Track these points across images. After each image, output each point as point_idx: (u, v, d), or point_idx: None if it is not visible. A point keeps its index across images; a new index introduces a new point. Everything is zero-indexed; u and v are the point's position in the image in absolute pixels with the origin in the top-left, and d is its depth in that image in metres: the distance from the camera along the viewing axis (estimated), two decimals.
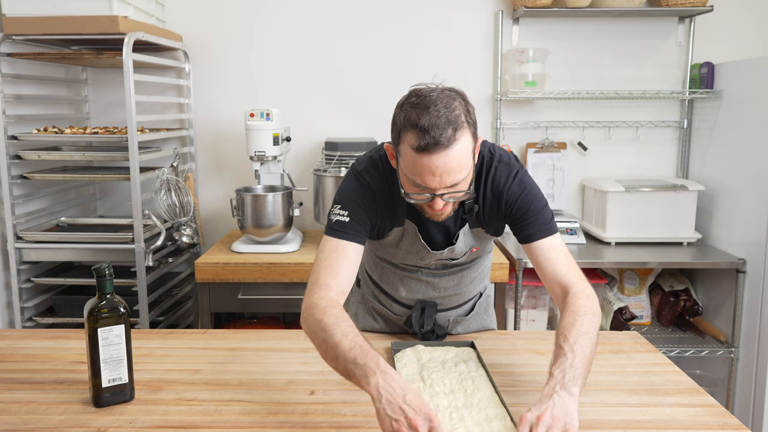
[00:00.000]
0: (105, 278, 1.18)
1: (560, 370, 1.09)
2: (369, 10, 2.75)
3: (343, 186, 1.38)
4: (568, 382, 1.07)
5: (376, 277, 1.58)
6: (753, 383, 2.35)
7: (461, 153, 1.16)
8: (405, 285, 1.52)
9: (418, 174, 1.18)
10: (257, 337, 1.56)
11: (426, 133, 1.13)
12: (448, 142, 1.14)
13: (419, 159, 1.15)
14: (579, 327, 1.17)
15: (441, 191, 1.19)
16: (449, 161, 1.15)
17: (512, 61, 2.68)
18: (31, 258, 2.33)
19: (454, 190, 1.19)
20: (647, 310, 2.77)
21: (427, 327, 1.50)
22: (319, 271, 1.29)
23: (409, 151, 1.17)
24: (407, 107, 1.18)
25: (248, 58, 2.79)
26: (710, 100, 2.66)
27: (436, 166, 1.15)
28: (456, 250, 1.41)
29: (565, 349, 1.13)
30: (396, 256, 1.47)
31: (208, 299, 2.31)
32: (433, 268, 1.48)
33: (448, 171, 1.16)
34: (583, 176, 2.87)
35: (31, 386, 1.28)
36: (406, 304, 1.54)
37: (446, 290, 1.53)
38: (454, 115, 1.15)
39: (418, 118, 1.14)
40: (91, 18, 2.20)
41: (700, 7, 2.57)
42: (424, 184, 1.18)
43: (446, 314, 1.56)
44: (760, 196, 2.30)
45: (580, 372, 1.09)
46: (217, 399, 1.23)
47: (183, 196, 2.50)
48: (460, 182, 1.19)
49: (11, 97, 2.31)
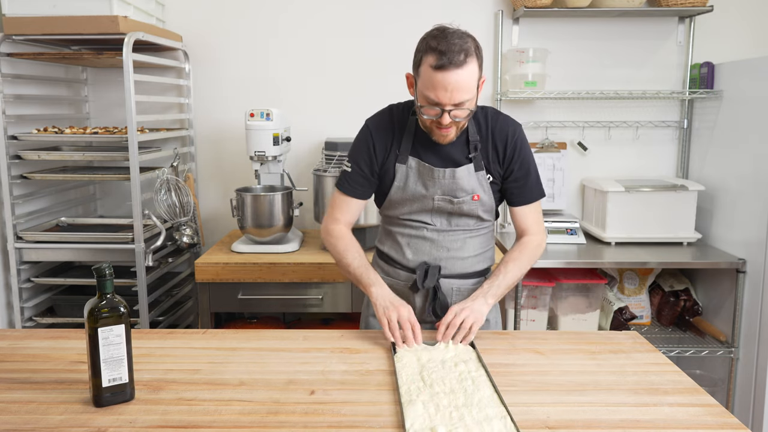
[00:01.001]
0: (105, 278, 1.18)
1: (489, 285, 1.55)
2: (369, 10, 2.75)
3: (355, 139, 1.66)
4: (490, 295, 1.52)
5: (386, 249, 1.71)
6: (753, 383, 2.35)
7: (469, 76, 1.42)
8: (411, 246, 1.65)
9: (432, 89, 1.42)
10: (257, 337, 1.56)
11: (443, 54, 1.39)
12: (460, 64, 1.40)
13: (435, 75, 1.41)
14: (518, 261, 1.60)
15: (449, 107, 1.43)
16: (459, 79, 1.40)
17: (512, 61, 2.68)
18: (31, 258, 2.34)
19: (459, 108, 1.44)
20: (647, 310, 2.77)
21: (429, 284, 1.62)
22: (332, 210, 1.68)
23: (427, 71, 1.42)
24: (429, 38, 1.45)
25: (248, 58, 2.79)
26: (710, 100, 2.66)
27: (449, 82, 1.40)
28: (458, 178, 1.56)
29: (502, 271, 1.57)
30: (404, 206, 1.63)
31: (208, 299, 2.31)
32: (438, 225, 1.62)
33: (458, 88, 1.41)
34: (583, 176, 2.87)
35: (31, 386, 1.28)
36: (412, 269, 1.66)
37: (449, 251, 1.64)
38: (466, 45, 1.41)
39: (437, 44, 1.41)
40: (91, 18, 2.20)
41: (700, 7, 2.57)
42: (437, 99, 1.43)
43: (449, 282, 1.65)
44: (760, 196, 2.30)
45: (501, 291, 1.55)
46: (217, 399, 1.23)
47: (183, 196, 2.50)
48: (465, 102, 1.44)
49: (11, 97, 2.31)
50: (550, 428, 1.13)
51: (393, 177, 1.61)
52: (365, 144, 1.62)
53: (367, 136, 1.63)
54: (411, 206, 1.62)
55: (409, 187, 1.60)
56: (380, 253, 1.75)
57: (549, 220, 2.67)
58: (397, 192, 1.62)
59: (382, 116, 1.64)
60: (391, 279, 1.69)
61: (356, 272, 1.58)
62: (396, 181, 1.61)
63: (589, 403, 1.22)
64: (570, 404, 1.21)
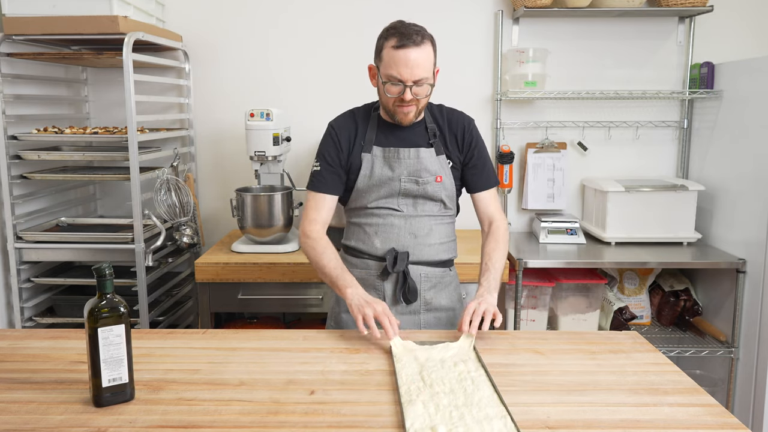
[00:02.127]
0: (105, 278, 1.18)
1: (487, 282, 1.64)
2: (369, 10, 2.75)
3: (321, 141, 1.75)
4: (492, 289, 1.61)
5: (353, 242, 1.78)
6: (753, 383, 2.35)
7: (427, 55, 1.59)
8: (380, 236, 1.73)
9: (394, 66, 1.57)
10: (257, 337, 1.56)
11: (403, 36, 1.57)
12: (419, 43, 1.57)
13: (397, 53, 1.56)
14: (498, 252, 1.71)
15: (410, 84, 1.58)
16: (418, 56, 1.56)
17: (512, 61, 2.68)
18: (31, 258, 2.34)
19: (419, 85, 1.59)
20: (647, 310, 2.78)
21: (398, 268, 1.69)
22: (308, 211, 1.74)
23: (389, 51, 1.58)
24: (389, 27, 1.62)
25: (248, 58, 2.79)
26: (710, 100, 2.66)
27: (408, 59, 1.56)
28: (422, 158, 1.68)
29: (490, 267, 1.67)
30: (371, 193, 1.71)
31: (208, 299, 2.31)
32: (404, 211, 1.71)
33: (417, 64, 1.56)
34: (583, 176, 2.87)
35: (31, 386, 1.28)
36: (381, 257, 1.73)
37: (417, 237, 1.72)
38: (423, 31, 1.60)
39: (396, 30, 1.59)
40: (91, 18, 2.20)
41: (700, 7, 2.57)
42: (399, 76, 1.57)
43: (417, 268, 1.73)
44: (760, 196, 2.30)
45: (497, 284, 1.65)
46: (217, 399, 1.23)
47: (183, 196, 2.50)
48: (424, 80, 1.58)
49: (11, 97, 2.31)
50: (550, 428, 1.13)
51: (359, 167, 1.70)
52: (330, 140, 1.72)
53: (331, 133, 1.73)
54: (378, 191, 1.71)
55: (375, 172, 1.69)
56: (347, 248, 1.81)
57: (549, 220, 2.67)
58: (363, 180, 1.70)
59: (344, 116, 1.77)
60: (359, 270, 1.75)
61: (332, 273, 1.63)
62: (362, 169, 1.70)
63: (589, 403, 1.22)
64: (570, 404, 1.21)
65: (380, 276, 1.73)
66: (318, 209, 1.72)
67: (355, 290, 1.57)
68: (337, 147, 1.71)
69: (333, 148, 1.71)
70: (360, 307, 1.51)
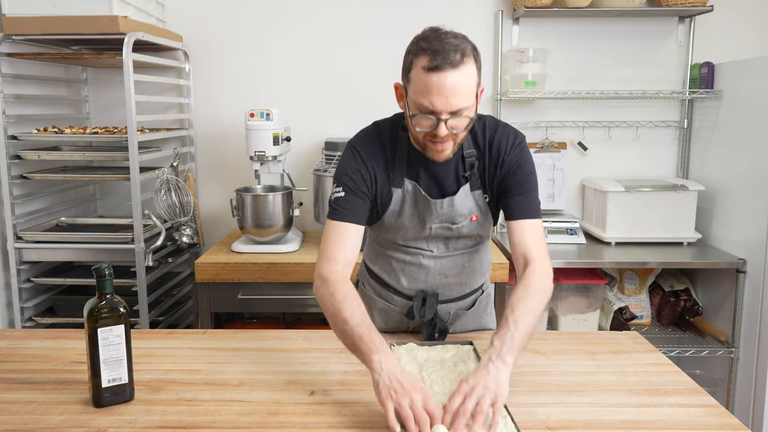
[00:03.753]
0: (105, 278, 1.18)
1: (501, 341, 1.19)
2: (369, 10, 2.75)
3: (339, 162, 1.46)
4: (505, 353, 1.16)
5: (377, 270, 1.59)
6: (753, 383, 2.35)
7: (467, 78, 1.25)
8: (407, 274, 1.53)
9: (426, 94, 1.25)
10: (257, 337, 1.56)
11: (437, 54, 1.22)
12: (457, 64, 1.23)
13: (429, 78, 1.23)
14: (527, 303, 1.26)
15: (445, 116, 1.26)
16: (456, 82, 1.23)
17: (512, 61, 2.68)
18: (31, 258, 2.33)
19: (457, 117, 1.26)
20: (647, 310, 2.77)
21: (428, 316, 1.50)
22: (326, 247, 1.38)
23: (419, 73, 1.25)
24: (420, 39, 1.28)
25: (248, 58, 2.79)
26: (710, 100, 2.65)
27: (444, 85, 1.23)
28: (456, 204, 1.42)
29: (510, 321, 1.22)
30: (398, 231, 1.48)
31: (208, 299, 2.31)
32: (434, 251, 1.49)
33: (454, 92, 1.23)
34: (583, 176, 2.86)
35: (31, 386, 1.28)
36: (407, 295, 1.55)
37: (447, 277, 1.52)
38: (462, 46, 1.25)
39: (430, 44, 1.24)
40: (91, 18, 2.20)
41: (700, 7, 2.57)
42: (432, 106, 1.25)
43: (447, 306, 1.56)
44: (760, 196, 2.30)
45: (518, 344, 1.19)
46: (217, 399, 1.23)
47: (183, 196, 2.49)
48: (463, 110, 1.26)
49: (11, 97, 2.31)
50: (551, 429, 1.13)
51: (388, 201, 1.44)
52: (355, 168, 1.41)
53: (356, 159, 1.42)
54: (405, 233, 1.48)
55: (404, 213, 1.45)
56: (370, 271, 1.62)
57: (549, 220, 2.67)
58: (391, 216, 1.46)
59: (370, 136, 1.45)
60: (384, 302, 1.59)
61: (354, 332, 1.22)
62: (391, 205, 1.44)
63: (589, 403, 1.22)
64: (570, 405, 1.21)
65: (406, 315, 1.55)
66: (340, 244, 1.36)
67: (385, 359, 1.15)
68: (364, 175, 1.40)
69: (359, 175, 1.40)
70: (392, 391, 1.10)
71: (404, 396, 1.09)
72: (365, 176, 1.40)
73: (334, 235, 1.37)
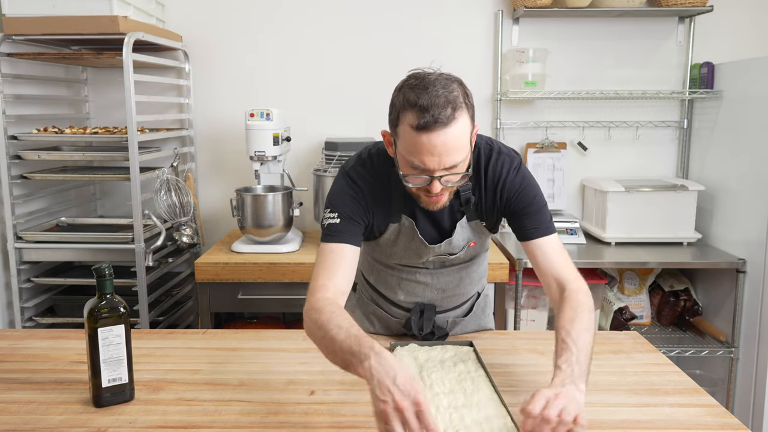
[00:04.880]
0: (105, 278, 1.18)
1: (568, 365, 1.09)
2: (369, 9, 2.75)
3: (333, 188, 1.38)
4: (577, 378, 1.07)
5: (373, 281, 1.58)
6: (753, 383, 2.35)
7: (460, 133, 1.16)
8: (403, 288, 1.51)
9: (416, 154, 1.17)
10: (257, 337, 1.56)
11: (426, 111, 1.13)
12: (448, 121, 1.14)
13: (418, 138, 1.15)
14: (579, 323, 1.18)
15: (439, 173, 1.19)
16: (448, 140, 1.15)
17: (512, 61, 2.68)
18: (31, 258, 2.33)
19: (451, 172, 1.20)
20: (647, 310, 2.77)
21: (426, 330, 1.49)
22: (317, 275, 1.30)
23: (408, 132, 1.17)
24: (406, 89, 1.19)
25: (248, 58, 2.79)
26: (710, 100, 2.66)
27: (434, 145, 1.15)
28: (453, 243, 1.39)
29: (569, 344, 1.13)
30: (393, 256, 1.46)
31: (208, 299, 2.31)
32: (431, 268, 1.48)
33: (447, 151, 1.16)
34: (583, 176, 2.86)
35: (31, 386, 1.28)
36: (404, 307, 1.54)
37: (445, 291, 1.51)
38: (453, 95, 1.15)
39: (417, 98, 1.15)
40: (91, 18, 2.20)
41: (700, 7, 2.57)
42: (423, 165, 1.18)
43: (445, 315, 1.56)
44: (760, 196, 2.30)
45: (584, 368, 1.11)
46: (217, 399, 1.23)
47: (183, 196, 2.50)
48: (458, 164, 1.19)
49: (11, 97, 2.31)
50: None
51: (383, 231, 1.40)
52: (351, 197, 1.34)
53: (352, 188, 1.34)
54: (401, 259, 1.45)
55: (399, 245, 1.41)
56: (367, 280, 1.60)
57: None
58: (386, 243, 1.42)
59: (365, 167, 1.36)
60: (381, 311, 1.57)
61: (344, 345, 1.08)
62: (387, 234, 1.40)
63: (589, 403, 1.22)
64: None
65: (404, 326, 1.53)
66: (332, 269, 1.28)
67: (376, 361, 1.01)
68: (359, 206, 1.34)
69: (355, 204, 1.34)
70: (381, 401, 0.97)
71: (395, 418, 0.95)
72: (361, 204, 1.34)
73: (328, 259, 1.29)
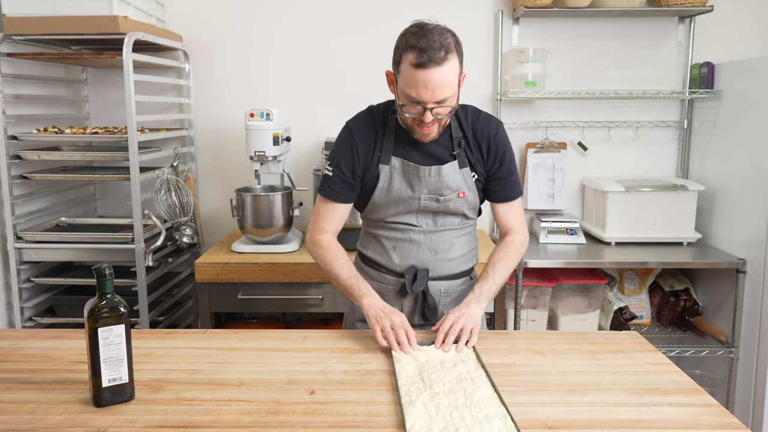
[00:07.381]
0: (105, 278, 1.18)
1: (480, 289, 1.54)
2: (369, 9, 2.75)
3: (336, 141, 1.65)
4: (482, 299, 1.53)
5: (371, 253, 1.70)
6: (753, 383, 2.35)
7: (450, 73, 1.42)
8: (398, 251, 1.64)
9: (413, 87, 1.43)
10: (257, 337, 1.56)
11: (423, 52, 1.39)
12: (441, 61, 1.40)
13: (416, 74, 1.41)
14: (505, 262, 1.61)
15: (431, 105, 1.44)
16: (440, 77, 1.41)
17: (512, 61, 2.68)
18: (31, 258, 2.34)
19: (441, 105, 1.45)
20: (647, 310, 2.78)
21: (418, 289, 1.62)
22: (317, 218, 1.66)
23: (408, 68, 1.42)
24: (408, 35, 1.45)
25: (248, 57, 2.79)
26: (710, 100, 2.66)
27: (429, 80, 1.40)
28: (444, 175, 1.56)
29: (490, 275, 1.58)
30: (388, 208, 1.61)
31: (208, 299, 2.31)
32: (424, 227, 1.62)
33: (439, 86, 1.41)
34: (583, 176, 2.87)
35: (31, 386, 1.28)
36: (399, 273, 1.65)
37: (437, 253, 1.64)
38: (446, 42, 1.42)
39: (417, 42, 1.41)
40: (91, 18, 2.20)
41: (700, 7, 2.57)
42: (418, 97, 1.43)
43: (437, 284, 1.66)
44: (760, 196, 2.30)
45: (492, 293, 1.56)
46: (217, 399, 1.23)
47: (183, 196, 2.50)
48: (447, 99, 1.44)
49: (11, 97, 2.31)
50: (550, 428, 1.13)
51: (376, 179, 1.59)
52: (347, 146, 1.60)
53: (348, 137, 1.61)
54: (396, 208, 1.61)
55: (393, 187, 1.59)
56: (363, 257, 1.73)
57: (549, 220, 2.67)
58: (381, 194, 1.60)
59: (363, 117, 1.64)
60: (377, 283, 1.67)
61: (346, 283, 1.56)
62: (380, 182, 1.59)
63: (589, 403, 1.22)
64: (570, 404, 1.21)
65: (398, 293, 1.66)
66: (328, 218, 1.64)
67: (372, 300, 1.51)
68: (354, 155, 1.59)
69: (349, 156, 1.59)
70: (378, 318, 1.46)
71: (386, 319, 1.45)
72: (354, 156, 1.59)
73: (324, 211, 1.64)
